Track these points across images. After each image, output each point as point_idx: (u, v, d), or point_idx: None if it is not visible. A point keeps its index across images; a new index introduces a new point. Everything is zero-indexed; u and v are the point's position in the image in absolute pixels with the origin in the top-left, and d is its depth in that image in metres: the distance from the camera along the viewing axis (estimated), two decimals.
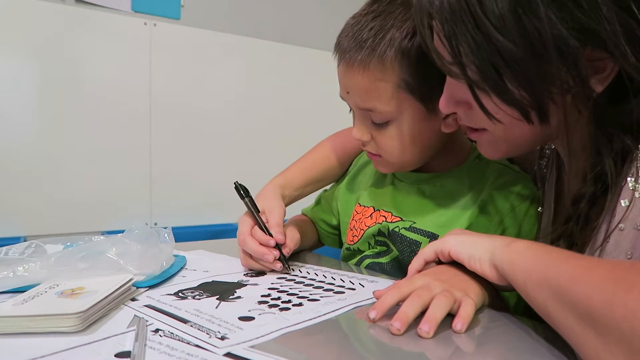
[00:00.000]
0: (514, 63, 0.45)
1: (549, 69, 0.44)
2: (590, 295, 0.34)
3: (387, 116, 0.63)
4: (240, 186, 0.71)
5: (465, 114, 0.55)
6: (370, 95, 0.62)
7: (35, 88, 1.93)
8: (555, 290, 0.38)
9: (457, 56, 0.48)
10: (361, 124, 0.67)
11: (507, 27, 0.44)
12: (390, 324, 0.43)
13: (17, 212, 1.88)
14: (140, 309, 0.49)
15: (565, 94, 0.45)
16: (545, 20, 0.42)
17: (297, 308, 0.49)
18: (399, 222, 0.71)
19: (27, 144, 1.91)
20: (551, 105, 0.47)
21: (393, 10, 0.60)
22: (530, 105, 0.47)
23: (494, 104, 0.48)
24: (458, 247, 0.51)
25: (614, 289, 0.33)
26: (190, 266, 0.68)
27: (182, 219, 2.22)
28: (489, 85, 0.47)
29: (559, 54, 0.43)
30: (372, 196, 0.77)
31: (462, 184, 0.69)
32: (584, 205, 0.50)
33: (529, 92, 0.46)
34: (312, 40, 2.54)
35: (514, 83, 0.46)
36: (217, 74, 2.30)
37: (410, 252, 0.68)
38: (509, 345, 0.42)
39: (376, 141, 0.66)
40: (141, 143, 2.13)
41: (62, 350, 0.38)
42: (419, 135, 0.64)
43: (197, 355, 0.37)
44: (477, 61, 0.46)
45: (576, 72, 0.44)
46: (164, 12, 2.17)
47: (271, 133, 2.46)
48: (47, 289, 0.50)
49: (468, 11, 0.45)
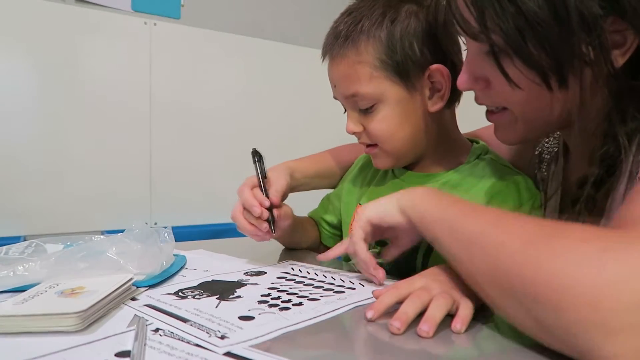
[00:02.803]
0: (538, 26, 0.46)
1: (571, 34, 0.45)
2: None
3: (370, 98, 0.67)
4: (256, 152, 0.74)
5: (484, 92, 0.56)
6: (351, 80, 0.67)
7: (35, 87, 1.93)
8: (451, 224, 0.45)
9: (482, 20, 0.49)
10: (351, 116, 0.71)
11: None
12: (390, 324, 0.43)
13: (17, 211, 1.89)
14: (140, 308, 0.49)
15: (584, 64, 0.47)
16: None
17: (297, 307, 0.49)
18: None
19: (27, 143, 1.91)
20: (570, 75, 0.48)
21: (363, 5, 0.68)
22: (551, 69, 0.48)
23: (515, 69, 0.50)
24: (372, 212, 0.56)
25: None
26: (190, 266, 0.68)
27: (182, 219, 2.22)
28: (513, 49, 0.48)
29: (581, 19, 0.44)
30: (372, 196, 0.77)
31: (461, 185, 0.69)
32: (589, 187, 0.50)
33: (551, 56, 0.47)
34: (312, 40, 2.54)
35: (536, 46, 0.47)
36: (217, 74, 2.30)
37: (410, 252, 0.68)
38: (509, 345, 0.42)
39: (367, 130, 0.70)
40: (141, 142, 2.13)
41: (62, 350, 0.38)
42: (405, 116, 0.68)
43: (197, 355, 0.37)
44: (502, 24, 0.48)
45: (597, 42, 0.45)
46: (164, 12, 2.17)
47: (271, 133, 2.46)
48: (47, 289, 0.50)
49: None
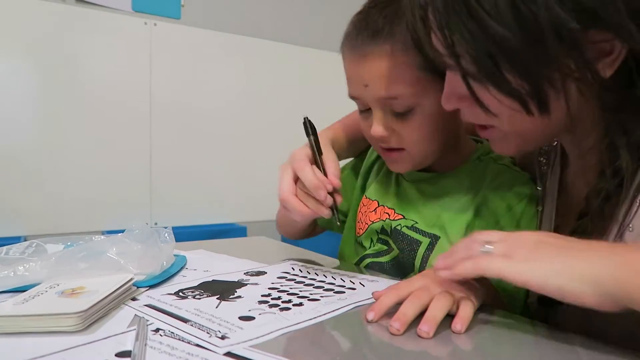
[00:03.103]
0: (510, 51, 0.43)
1: (548, 54, 0.42)
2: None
3: (411, 102, 0.61)
4: (309, 122, 0.65)
5: (469, 110, 0.53)
6: (394, 81, 0.60)
7: (36, 87, 1.93)
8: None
9: (451, 47, 0.46)
10: (381, 119, 0.63)
11: (502, 14, 0.42)
12: (390, 325, 0.43)
13: (17, 211, 1.89)
14: (140, 308, 0.49)
15: (566, 78, 0.44)
16: (541, 4, 0.40)
17: (298, 308, 0.49)
18: (401, 220, 0.71)
19: (27, 143, 1.91)
20: (552, 93, 0.45)
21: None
22: (529, 94, 0.45)
23: (491, 96, 0.47)
24: (525, 275, 0.40)
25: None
26: (190, 266, 0.68)
27: (183, 219, 2.22)
28: (485, 76, 0.46)
29: (558, 38, 0.41)
30: (378, 190, 0.78)
31: (462, 184, 0.69)
32: (600, 200, 0.48)
33: (527, 80, 0.45)
34: (312, 40, 2.54)
35: (510, 72, 0.44)
36: (217, 74, 2.30)
37: (410, 251, 0.68)
38: (509, 345, 0.42)
39: (399, 133, 0.63)
40: (141, 143, 2.14)
41: (62, 350, 0.38)
42: (442, 121, 0.63)
43: (198, 355, 0.37)
44: (471, 51, 0.45)
45: (578, 55, 0.42)
46: (164, 12, 2.18)
47: (271, 132, 2.46)
48: (47, 289, 0.50)
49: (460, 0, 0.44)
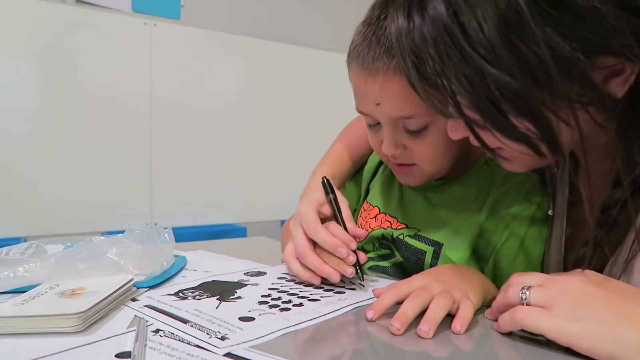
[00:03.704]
0: (514, 95, 0.40)
1: (556, 93, 0.39)
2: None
3: (426, 120, 0.57)
4: (328, 182, 0.64)
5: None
6: (409, 100, 0.54)
7: (36, 88, 1.93)
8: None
9: (450, 95, 0.43)
10: (392, 137, 0.60)
11: (500, 57, 0.38)
12: (390, 324, 0.43)
13: (17, 212, 1.89)
14: (140, 309, 0.49)
15: (579, 111, 0.41)
16: (542, 42, 0.37)
17: (298, 308, 0.49)
18: (404, 229, 0.70)
19: (27, 144, 1.91)
20: (564, 129, 0.42)
21: None
22: (539, 138, 0.42)
23: (499, 142, 0.44)
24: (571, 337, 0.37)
25: None
26: (190, 266, 0.68)
27: (183, 219, 2.22)
28: (490, 123, 0.43)
29: (565, 75, 0.38)
30: (380, 196, 0.76)
31: (469, 191, 0.67)
32: (616, 209, 0.46)
33: (536, 124, 0.41)
34: (312, 40, 2.55)
35: (517, 117, 0.41)
36: (217, 74, 2.30)
37: (416, 261, 0.67)
38: (509, 345, 0.42)
39: (411, 150, 0.61)
40: (141, 143, 2.14)
41: (62, 351, 0.38)
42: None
43: (198, 356, 0.37)
44: (472, 98, 0.41)
45: (589, 86, 0.39)
46: (164, 12, 2.18)
47: (271, 133, 2.46)
48: (47, 289, 0.50)
49: (452, 44, 0.40)
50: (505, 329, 0.42)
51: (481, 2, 0.38)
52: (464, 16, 0.39)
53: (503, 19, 0.38)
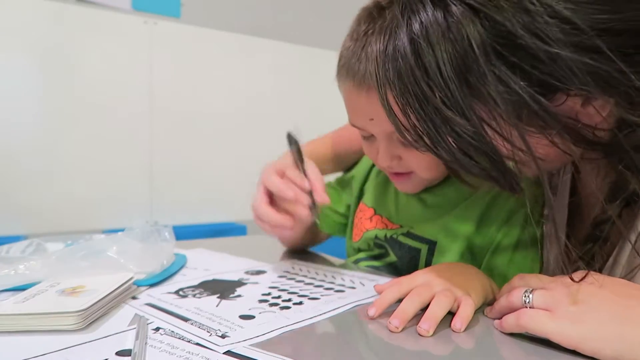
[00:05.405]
0: (470, 137, 0.38)
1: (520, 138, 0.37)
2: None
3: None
4: (293, 136, 0.64)
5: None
6: None
7: (36, 87, 1.93)
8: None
9: (414, 130, 0.42)
10: (388, 150, 0.60)
11: (455, 99, 0.37)
12: (389, 322, 0.43)
13: (18, 210, 1.89)
14: (140, 307, 0.49)
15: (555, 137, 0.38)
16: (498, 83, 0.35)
17: (298, 307, 0.49)
18: (397, 229, 0.70)
19: (27, 142, 1.91)
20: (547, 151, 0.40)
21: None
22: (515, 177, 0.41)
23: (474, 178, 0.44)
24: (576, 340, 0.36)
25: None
26: (190, 264, 0.68)
27: (183, 217, 2.22)
28: (461, 167, 0.41)
29: (529, 118, 0.36)
30: (375, 197, 0.76)
31: (464, 190, 0.67)
32: (618, 208, 0.46)
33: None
34: (312, 39, 2.54)
35: (489, 162, 0.39)
36: (217, 73, 2.30)
37: (410, 259, 0.67)
38: (509, 344, 0.42)
39: (407, 161, 0.61)
40: (141, 141, 2.14)
41: (62, 349, 0.38)
42: None
43: (198, 354, 0.37)
44: (440, 144, 0.40)
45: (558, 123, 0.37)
46: (164, 11, 2.17)
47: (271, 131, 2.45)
48: (47, 287, 0.50)
49: (414, 80, 0.39)
50: (509, 331, 0.42)
51: (441, 42, 0.37)
52: (425, 56, 0.38)
53: (461, 59, 0.36)
